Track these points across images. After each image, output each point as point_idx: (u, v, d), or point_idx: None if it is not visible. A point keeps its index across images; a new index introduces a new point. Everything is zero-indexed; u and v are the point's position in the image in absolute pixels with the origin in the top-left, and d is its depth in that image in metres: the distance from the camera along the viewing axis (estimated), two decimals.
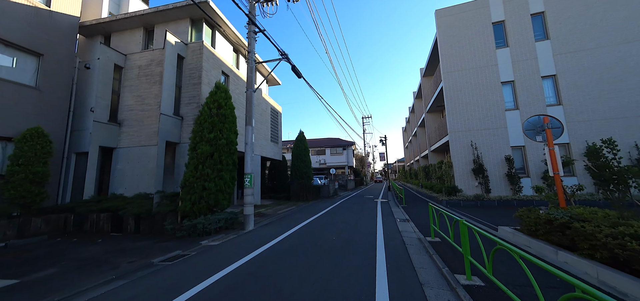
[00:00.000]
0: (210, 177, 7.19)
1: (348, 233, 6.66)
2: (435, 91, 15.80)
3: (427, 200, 14.02)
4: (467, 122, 12.00)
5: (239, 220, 7.99)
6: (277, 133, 16.89)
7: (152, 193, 7.93)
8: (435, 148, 17.90)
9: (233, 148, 8.03)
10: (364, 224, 7.81)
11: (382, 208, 11.40)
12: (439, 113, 19.70)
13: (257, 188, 13.19)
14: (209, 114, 7.72)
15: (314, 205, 13.80)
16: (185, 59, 9.33)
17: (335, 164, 36.30)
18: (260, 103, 14.26)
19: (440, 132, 15.24)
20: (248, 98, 8.31)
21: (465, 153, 11.76)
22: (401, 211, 10.52)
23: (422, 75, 20.65)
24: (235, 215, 7.84)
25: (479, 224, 7.40)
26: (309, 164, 18.21)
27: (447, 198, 11.13)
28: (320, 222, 8.62)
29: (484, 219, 8.03)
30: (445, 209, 9.86)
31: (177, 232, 6.58)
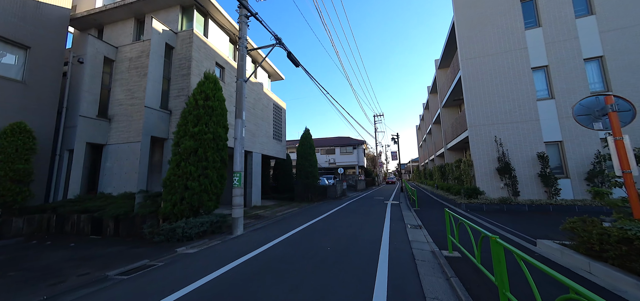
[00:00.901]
0: (194, 175, 6.44)
1: (348, 241, 5.64)
2: (451, 82, 14.31)
3: (443, 202, 12.63)
4: (490, 114, 10.52)
5: (227, 223, 7.21)
6: (280, 131, 16.12)
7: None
8: (452, 146, 16.34)
9: (221, 144, 7.27)
10: (369, 230, 6.75)
11: (391, 212, 10.24)
12: (456, 107, 18.06)
13: (256, 188, 12.45)
14: (194, 106, 7.00)
15: (318, 206, 12.86)
16: (174, 49, 8.72)
17: (345, 164, 35.14)
18: (261, 98, 13.53)
19: (458, 127, 13.75)
20: (238, 88, 7.52)
21: (488, 150, 10.29)
22: (413, 215, 9.32)
23: (436, 67, 19.09)
24: (224, 217, 7.06)
25: (508, 234, 6.10)
26: (314, 163, 17.28)
27: (467, 201, 9.76)
28: (320, 226, 7.66)
29: (514, 228, 6.70)
30: (465, 214, 8.55)
31: (155, 237, 5.88)
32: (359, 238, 5.99)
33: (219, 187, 7.15)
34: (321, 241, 5.80)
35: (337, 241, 5.68)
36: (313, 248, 5.23)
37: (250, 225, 8.12)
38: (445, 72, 18.51)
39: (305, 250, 5.15)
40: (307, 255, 4.83)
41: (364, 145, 39.62)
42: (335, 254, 4.79)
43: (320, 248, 5.28)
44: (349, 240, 5.83)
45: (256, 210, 11.16)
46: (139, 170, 7.13)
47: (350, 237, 6.08)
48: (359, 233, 6.52)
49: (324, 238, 6.05)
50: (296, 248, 5.28)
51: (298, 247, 5.38)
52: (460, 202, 10.08)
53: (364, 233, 6.52)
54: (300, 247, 5.38)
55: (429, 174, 24.88)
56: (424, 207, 11.60)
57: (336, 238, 6.04)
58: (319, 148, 36.46)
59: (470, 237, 3.92)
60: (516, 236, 5.89)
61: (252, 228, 7.55)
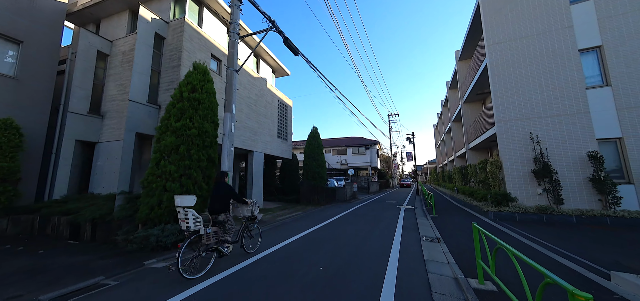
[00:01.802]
0: (174, 175, 5.71)
1: (348, 256, 4.61)
2: (475, 74, 12.71)
3: (465, 209, 11.13)
4: (524, 107, 8.94)
5: None
6: (286, 129, 15.32)
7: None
8: (475, 146, 14.64)
9: (208, 141, 6.50)
10: (375, 243, 5.65)
11: (405, 218, 9.00)
12: (480, 102, 16.28)
13: (258, 189, 11.69)
14: (178, 98, 6.29)
15: (325, 210, 11.86)
16: (165, 39, 8.15)
17: (357, 165, 33.81)
18: (264, 94, 12.80)
19: (482, 124, 12.14)
20: (228, 78, 6.74)
21: (521, 149, 8.73)
22: (430, 224, 8.04)
23: (457, 59, 17.39)
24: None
25: (558, 256, 4.73)
26: (322, 163, 16.29)
27: (496, 209, 8.30)
28: (321, 234, 6.67)
29: (564, 247, 5.28)
30: (493, 225, 7.13)
31: (128, 245, 5.19)
32: (363, 253, 4.92)
33: (205, 189, 6.38)
34: (317, 255, 4.82)
35: (336, 256, 4.66)
36: (304, 265, 4.26)
37: None
38: (467, 64, 16.79)
39: (295, 267, 4.20)
40: (297, 273, 3.88)
41: (378, 145, 38.01)
42: (329, 275, 3.79)
43: (313, 264, 4.31)
44: (351, 255, 4.78)
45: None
46: (120, 169, 6.56)
47: (353, 251, 5.03)
48: (363, 246, 5.44)
49: (321, 251, 5.06)
50: (284, 265, 4.34)
51: (286, 264, 4.43)
52: (487, 209, 8.62)
53: (370, 246, 5.43)
54: (291, 262, 4.44)
55: (447, 176, 22.97)
56: (443, 213, 10.20)
57: (335, 251, 5.03)
58: (330, 148, 35.43)
59: (517, 269, 2.74)
60: (570, 260, 4.52)
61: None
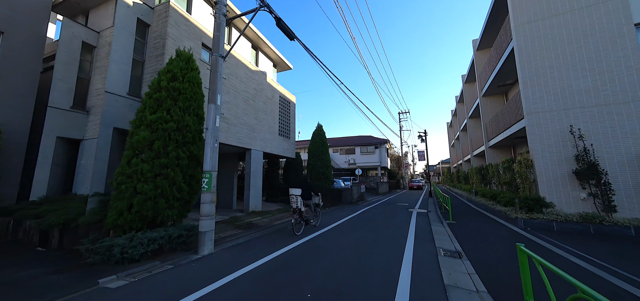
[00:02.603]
0: (147, 175, 4.94)
1: (345, 277, 3.63)
2: (497, 62, 11.33)
3: (486, 214, 9.82)
4: (562, 96, 7.59)
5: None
6: (288, 127, 14.47)
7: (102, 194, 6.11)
8: (496, 144, 13.19)
9: (190, 136, 5.71)
10: (381, 258, 4.63)
11: (417, 225, 7.89)
12: (501, 95, 14.76)
13: (256, 190, 10.90)
14: (156, 88, 5.54)
15: (328, 213, 10.90)
16: (150, 26, 7.48)
17: (366, 164, 32.56)
18: (263, 88, 11.99)
19: (505, 118, 10.76)
20: (213, 65, 5.92)
21: (558, 145, 7.40)
22: (447, 232, 6.91)
23: (474, 49, 15.91)
24: (190, 230, 5.47)
25: (628, 285, 3.54)
26: (327, 163, 15.33)
27: (527, 216, 7.04)
28: (318, 243, 5.73)
29: (630, 270, 4.06)
30: (524, 235, 5.87)
31: (91, 256, 4.46)
32: (365, 272, 3.93)
33: (186, 191, 5.59)
34: (307, 273, 3.89)
35: (329, 277, 3.70)
36: (288, 287, 3.34)
37: (232, 237, 6.48)
38: (486, 54, 15.30)
39: (278, 288, 3.29)
40: (278, 299, 2.97)
41: (388, 144, 36.55)
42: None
43: (300, 285, 3.38)
44: (350, 275, 3.81)
45: (254, 216, 9.57)
46: (94, 168, 5.89)
47: (353, 270, 4.05)
48: (366, 262, 4.45)
49: (314, 268, 4.12)
50: (266, 283, 3.45)
51: (271, 281, 3.55)
52: (515, 216, 7.36)
53: (375, 262, 4.42)
54: (274, 282, 3.54)
55: (463, 177, 21.35)
56: (461, 219, 8.97)
57: (331, 269, 4.08)
58: (337, 148, 34.37)
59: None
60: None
61: (230, 244, 5.88)
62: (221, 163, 12.53)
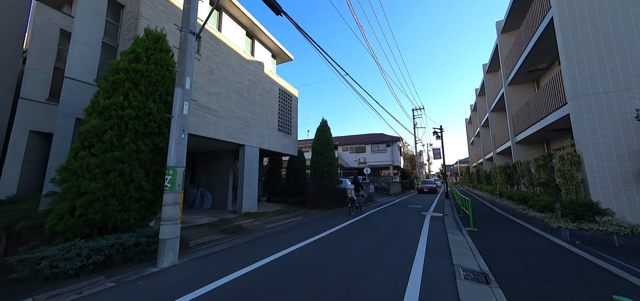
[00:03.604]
0: (95, 171, 4.11)
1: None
2: (528, 42, 9.65)
3: (514, 220, 8.27)
4: (622, 73, 5.98)
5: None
6: (289, 122, 13.51)
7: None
8: (525, 138, 11.43)
9: (154, 126, 4.85)
10: (381, 280, 3.47)
11: (430, 233, 6.60)
12: (531, 83, 12.89)
13: (250, 190, 10.01)
14: (114, 69, 4.73)
15: (330, 216, 9.81)
16: (125, 7, 6.76)
17: (377, 164, 31.03)
18: (260, 80, 11.10)
19: (537, 108, 9.09)
20: (181, 43, 5.01)
21: (618, 136, 5.82)
22: (467, 243, 5.59)
23: (499, 32, 14.08)
24: (151, 238, 4.59)
25: None
26: (332, 161, 14.20)
27: (574, 226, 5.55)
28: (309, 254, 4.69)
29: None
30: (571, 250, 4.39)
31: (20, 269, 3.69)
32: (359, 297, 2.81)
33: (149, 190, 4.73)
34: (286, 296, 2.84)
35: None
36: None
37: (210, 244, 5.56)
38: (512, 36, 13.46)
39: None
40: None
41: (400, 142, 34.71)
42: None
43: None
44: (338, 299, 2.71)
45: (246, 218, 8.68)
46: (49, 163, 5.20)
47: (344, 292, 2.94)
48: (362, 284, 3.32)
49: (295, 289, 3.07)
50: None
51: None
52: (557, 225, 5.87)
53: (372, 286, 3.28)
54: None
55: (484, 177, 19.34)
56: (484, 225, 7.54)
57: (318, 290, 3.01)
58: (347, 146, 33.09)
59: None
60: None
61: (204, 253, 4.95)
62: (215, 160, 11.81)
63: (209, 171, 11.97)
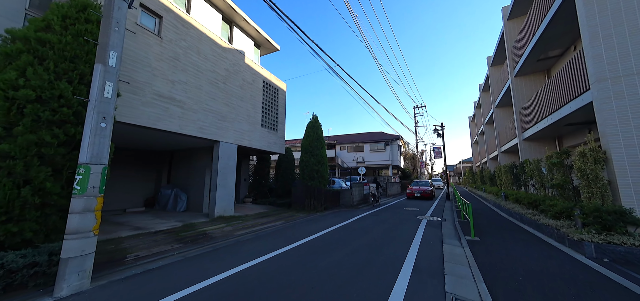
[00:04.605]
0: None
1: None
2: (539, 24, 8.50)
3: (522, 226, 7.14)
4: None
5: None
6: (275, 118, 12.49)
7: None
8: (534, 135, 10.27)
9: (68, 113, 3.86)
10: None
11: (423, 243, 5.53)
12: (541, 73, 11.70)
13: (226, 191, 9.02)
14: (11, 39, 3.74)
15: (315, 220, 8.78)
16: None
17: (375, 163, 29.91)
18: (239, 70, 10.11)
19: (548, 100, 7.95)
20: (105, 8, 4.02)
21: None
22: (466, 258, 4.52)
23: (505, 19, 12.87)
24: (50, 257, 3.58)
25: None
26: (323, 160, 13.13)
27: (601, 239, 4.45)
28: (256, 278, 3.64)
29: None
30: (598, 270, 3.29)
31: None
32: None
33: (56, 195, 3.74)
34: None
35: None
36: None
37: (154, 258, 4.57)
38: (519, 22, 12.25)
39: None
40: None
41: (401, 141, 33.53)
42: None
43: None
44: None
45: (216, 223, 7.70)
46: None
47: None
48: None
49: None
50: None
51: None
52: (579, 237, 4.76)
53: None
54: None
55: (488, 177, 18.12)
56: (487, 234, 6.43)
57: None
58: (345, 145, 32.01)
59: None
60: None
61: (134, 272, 3.95)
62: (193, 159, 10.85)
63: (186, 170, 11.03)
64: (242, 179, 13.68)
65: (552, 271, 3.98)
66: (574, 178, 5.94)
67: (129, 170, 10.39)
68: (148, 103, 6.50)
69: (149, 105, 6.53)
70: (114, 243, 5.15)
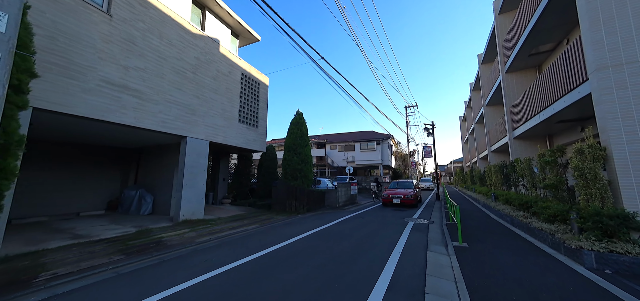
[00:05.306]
0: None
1: None
2: (529, 19, 8.02)
3: (514, 230, 6.61)
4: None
5: None
6: (255, 114, 11.68)
7: None
8: (526, 133, 9.84)
9: None
10: None
11: (406, 250, 4.89)
12: (533, 69, 11.31)
13: (193, 192, 8.16)
14: None
15: (294, 223, 8.04)
16: None
17: (366, 162, 29.41)
18: (213, 59, 9.26)
19: (541, 95, 7.48)
20: None
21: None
22: (451, 269, 3.89)
23: (496, 13, 12.44)
24: None
25: None
26: (307, 159, 12.42)
27: (602, 248, 3.90)
28: (216, 290, 2.87)
29: None
30: (602, 287, 2.74)
31: None
32: None
33: None
34: None
35: None
36: None
37: (70, 278, 3.71)
38: (511, 16, 11.83)
39: None
40: None
41: (392, 140, 33.17)
42: None
43: None
44: None
45: (178, 229, 6.85)
46: None
47: None
48: None
49: None
50: None
51: None
52: (577, 244, 4.20)
53: None
54: None
55: (478, 177, 17.81)
56: (477, 238, 5.85)
57: None
58: (335, 144, 31.39)
59: None
60: None
61: (31, 300, 3.11)
62: (163, 157, 9.91)
63: (156, 169, 10.08)
64: (220, 179, 12.80)
65: (550, 287, 3.38)
66: (568, 178, 5.42)
67: (85, 169, 9.36)
68: (92, 91, 5.60)
69: (94, 93, 5.63)
70: (32, 258, 4.26)
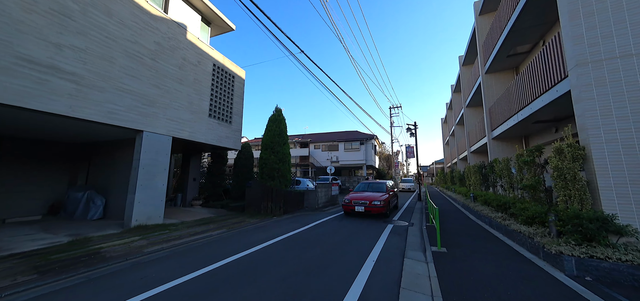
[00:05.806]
0: None
1: None
2: (508, 19, 7.93)
3: (493, 233, 6.39)
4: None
5: None
6: (229, 109, 10.84)
7: None
8: (504, 133, 9.85)
9: None
10: None
11: (381, 258, 4.43)
12: (511, 71, 11.43)
13: (150, 193, 7.25)
14: None
15: (266, 227, 7.37)
16: None
17: (350, 162, 29.17)
18: (178, 46, 8.35)
19: (519, 95, 7.40)
20: None
21: None
22: (429, 281, 3.44)
23: (477, 14, 12.50)
24: None
25: None
26: (285, 158, 11.75)
27: (582, 253, 3.64)
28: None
29: None
30: (582, 295, 2.44)
31: None
32: None
33: None
34: None
35: None
36: None
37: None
38: (491, 17, 11.90)
39: None
40: None
41: (376, 141, 33.23)
42: None
43: None
44: None
45: (126, 236, 5.95)
46: None
47: None
48: None
49: None
50: None
51: None
52: (557, 249, 3.93)
53: None
54: None
55: (458, 178, 18.06)
56: (456, 243, 5.52)
57: None
58: (319, 144, 30.90)
59: None
60: None
61: None
62: (118, 154, 8.83)
63: (110, 168, 8.96)
64: (190, 179, 11.79)
65: (527, 297, 3.01)
66: (546, 178, 5.23)
67: (21, 167, 8.09)
68: (6, 70, 4.61)
69: (9, 74, 4.64)
70: None
